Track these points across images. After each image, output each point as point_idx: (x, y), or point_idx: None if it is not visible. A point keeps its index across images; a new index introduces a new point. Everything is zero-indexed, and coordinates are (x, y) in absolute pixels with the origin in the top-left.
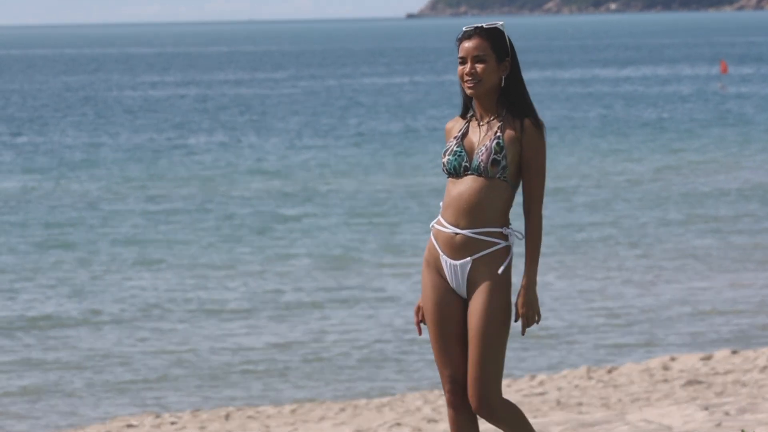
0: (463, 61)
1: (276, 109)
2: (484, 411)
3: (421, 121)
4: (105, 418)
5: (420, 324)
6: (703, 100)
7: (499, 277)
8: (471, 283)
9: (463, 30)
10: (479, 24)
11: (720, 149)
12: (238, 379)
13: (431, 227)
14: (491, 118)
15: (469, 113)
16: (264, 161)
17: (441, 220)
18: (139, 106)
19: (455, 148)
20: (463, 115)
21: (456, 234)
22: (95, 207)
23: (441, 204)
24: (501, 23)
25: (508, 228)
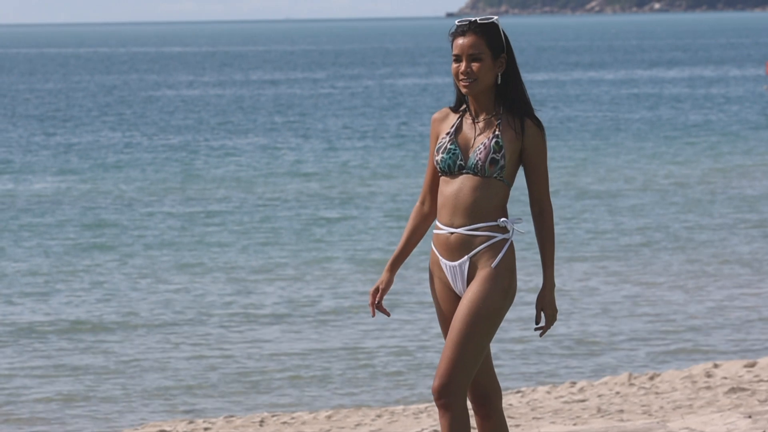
0: (457, 58)
1: (314, 109)
2: (443, 394)
3: None
4: (138, 424)
5: (374, 306)
6: (751, 102)
7: (495, 270)
8: (470, 281)
9: (456, 24)
10: (473, 18)
11: None
12: (274, 385)
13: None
14: (488, 116)
15: (462, 107)
16: (303, 163)
17: (437, 223)
18: (175, 106)
19: (449, 146)
20: (456, 108)
21: (451, 234)
22: (130, 208)
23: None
24: (495, 18)
25: (504, 219)
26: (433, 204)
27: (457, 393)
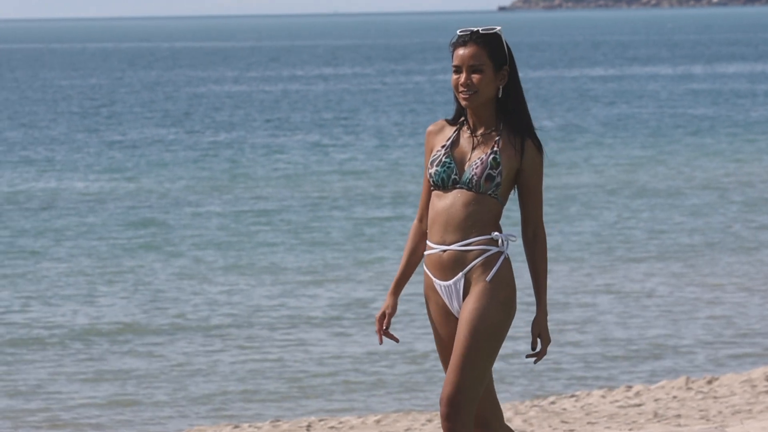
0: (457, 69)
1: (364, 105)
2: (451, 419)
3: None
4: (183, 428)
5: (381, 332)
6: None
7: (490, 284)
8: (465, 299)
9: (458, 34)
10: (475, 28)
11: None
12: (322, 390)
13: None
14: (487, 130)
15: (460, 120)
16: (353, 161)
17: (428, 243)
18: (221, 102)
19: (444, 159)
20: (454, 121)
21: (444, 252)
22: (176, 207)
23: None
24: (498, 28)
25: (498, 234)
26: None
27: (464, 418)
